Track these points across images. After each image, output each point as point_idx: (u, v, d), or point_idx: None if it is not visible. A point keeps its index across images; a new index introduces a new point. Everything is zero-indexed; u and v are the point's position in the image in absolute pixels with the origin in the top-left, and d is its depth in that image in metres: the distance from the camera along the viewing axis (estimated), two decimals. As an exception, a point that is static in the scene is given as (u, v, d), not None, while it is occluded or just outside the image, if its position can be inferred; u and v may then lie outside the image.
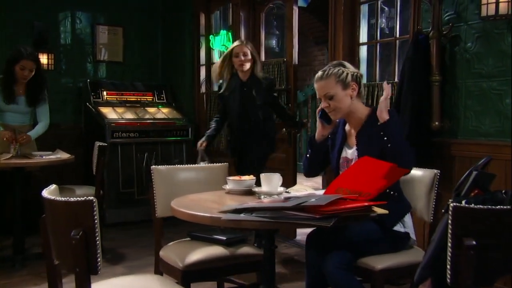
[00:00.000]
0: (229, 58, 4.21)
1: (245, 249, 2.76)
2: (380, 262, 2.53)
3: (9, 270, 4.14)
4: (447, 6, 3.43)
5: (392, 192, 2.52)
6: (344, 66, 2.62)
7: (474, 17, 3.30)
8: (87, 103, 6.02)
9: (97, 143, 4.80)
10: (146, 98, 6.36)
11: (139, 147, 5.82)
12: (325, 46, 8.43)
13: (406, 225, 2.63)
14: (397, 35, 4.05)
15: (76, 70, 6.33)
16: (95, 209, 1.83)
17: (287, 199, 2.25)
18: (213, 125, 4.39)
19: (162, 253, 2.79)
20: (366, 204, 2.14)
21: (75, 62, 6.32)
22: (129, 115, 5.94)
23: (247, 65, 4.18)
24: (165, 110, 6.23)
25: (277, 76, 5.10)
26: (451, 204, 1.68)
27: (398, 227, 2.60)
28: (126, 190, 5.80)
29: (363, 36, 4.33)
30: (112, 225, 5.53)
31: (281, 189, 2.62)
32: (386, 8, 4.25)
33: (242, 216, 2.09)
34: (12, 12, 5.86)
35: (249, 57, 4.17)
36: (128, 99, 6.26)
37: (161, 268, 2.80)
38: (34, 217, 5.07)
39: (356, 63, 4.31)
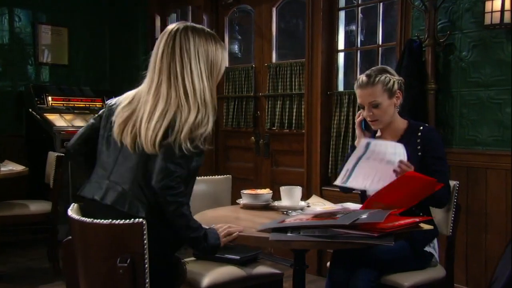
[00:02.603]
0: None
1: (261, 269, 2.58)
2: (408, 279, 2.45)
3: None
4: (440, 14, 3.42)
5: (421, 214, 2.44)
6: (389, 73, 2.51)
7: (470, 25, 3.31)
8: (30, 109, 5.54)
9: (53, 154, 4.43)
10: (96, 105, 5.96)
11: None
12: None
13: (434, 246, 2.58)
14: (380, 43, 4.01)
15: (16, 73, 5.82)
16: (145, 232, 1.59)
17: (321, 215, 2.08)
18: None
19: (167, 275, 2.53)
20: (417, 220, 2.05)
21: (14, 64, 5.81)
22: (79, 123, 5.52)
23: None
24: (116, 117, 5.87)
25: (244, 83, 4.94)
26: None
27: (426, 247, 2.54)
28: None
29: (341, 43, 4.26)
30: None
31: (303, 203, 2.47)
32: (361, 15, 4.19)
33: (290, 235, 1.91)
34: None
35: None
36: (76, 105, 5.84)
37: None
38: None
39: (334, 70, 4.25)
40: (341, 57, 4.27)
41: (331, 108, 4.22)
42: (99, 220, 1.63)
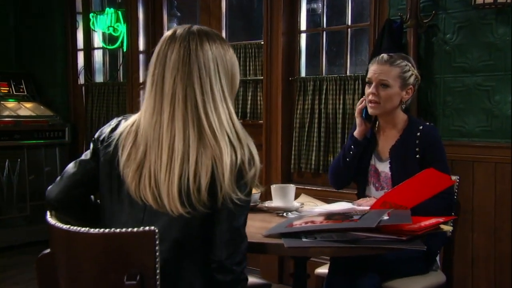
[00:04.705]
0: None
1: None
2: (411, 287, 2.45)
3: None
4: (421, -8, 3.46)
5: None
6: (411, 64, 2.56)
7: (455, 5, 3.37)
8: None
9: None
10: (0, 90, 5.58)
11: (-3, 152, 5.11)
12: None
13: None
14: (349, 23, 4.01)
15: None
16: (157, 242, 1.46)
17: (335, 217, 2.03)
18: None
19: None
20: (441, 220, 2.04)
21: None
22: (-18, 111, 5.17)
23: None
24: (28, 105, 5.53)
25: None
26: None
27: None
28: (-20, 209, 5.06)
29: (303, 23, 4.23)
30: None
31: (297, 204, 2.41)
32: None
33: (306, 241, 1.84)
34: None
35: None
36: (-24, 90, 5.46)
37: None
38: None
39: (296, 54, 4.21)
40: (303, 38, 4.24)
41: (294, 96, 4.18)
42: (95, 229, 1.47)
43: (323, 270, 2.66)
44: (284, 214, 2.29)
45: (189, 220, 1.55)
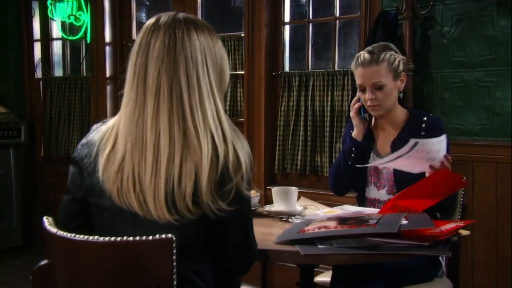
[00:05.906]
0: None
1: (245, 290, 2.45)
2: (417, 295, 2.47)
3: None
4: (416, -19, 3.49)
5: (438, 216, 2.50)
6: (393, 50, 2.55)
7: (453, -4, 3.42)
8: None
9: None
10: None
11: None
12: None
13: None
14: (338, 14, 4.02)
15: None
16: (174, 251, 1.43)
17: (349, 222, 2.02)
18: None
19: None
20: (461, 224, 2.06)
21: None
22: None
23: None
24: (-22, 101, 5.39)
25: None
26: None
27: None
28: None
29: (287, 14, 4.23)
30: None
31: (300, 207, 2.40)
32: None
33: (323, 248, 1.83)
34: None
35: None
36: None
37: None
38: None
39: (280, 47, 4.20)
40: (287, 31, 4.23)
41: (277, 92, 4.18)
42: (105, 238, 1.42)
43: (323, 278, 2.66)
44: (290, 220, 2.27)
45: (181, 227, 1.51)
